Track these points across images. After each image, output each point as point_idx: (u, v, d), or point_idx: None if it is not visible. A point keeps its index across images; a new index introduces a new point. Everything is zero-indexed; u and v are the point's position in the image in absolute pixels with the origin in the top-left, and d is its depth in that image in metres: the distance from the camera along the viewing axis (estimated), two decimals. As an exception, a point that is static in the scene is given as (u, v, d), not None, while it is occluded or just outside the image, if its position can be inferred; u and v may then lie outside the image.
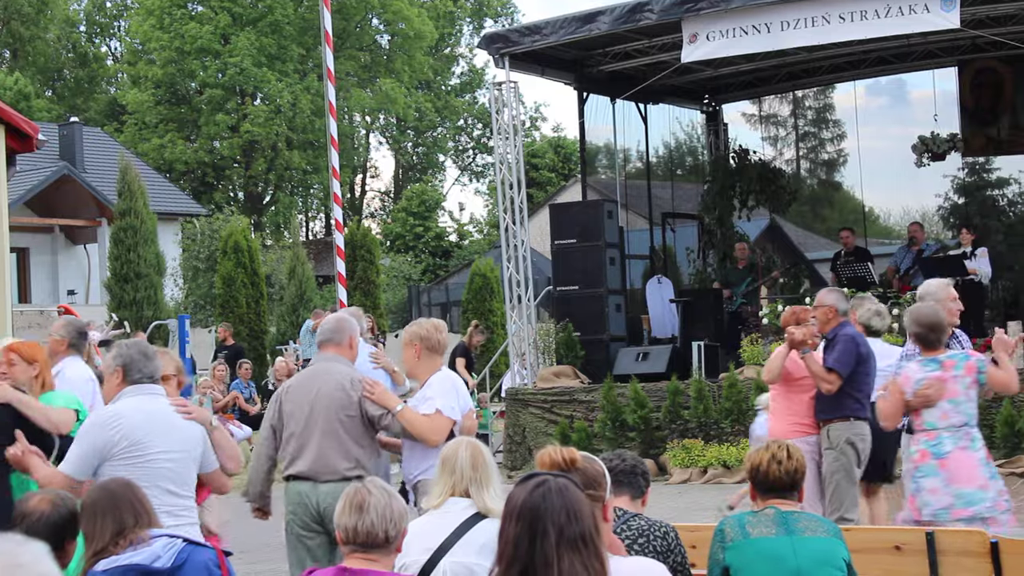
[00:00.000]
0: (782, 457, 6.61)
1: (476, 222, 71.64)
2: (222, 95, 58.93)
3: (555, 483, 4.54)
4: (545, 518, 4.45)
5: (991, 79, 24.96)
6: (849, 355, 11.00)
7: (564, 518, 4.45)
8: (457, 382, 9.18)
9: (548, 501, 4.47)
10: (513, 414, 21.91)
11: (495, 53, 22.48)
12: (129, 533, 5.87)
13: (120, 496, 6.00)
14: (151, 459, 7.22)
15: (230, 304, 34.40)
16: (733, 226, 27.17)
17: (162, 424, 7.38)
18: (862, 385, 11.08)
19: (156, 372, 7.61)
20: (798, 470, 6.65)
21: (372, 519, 5.28)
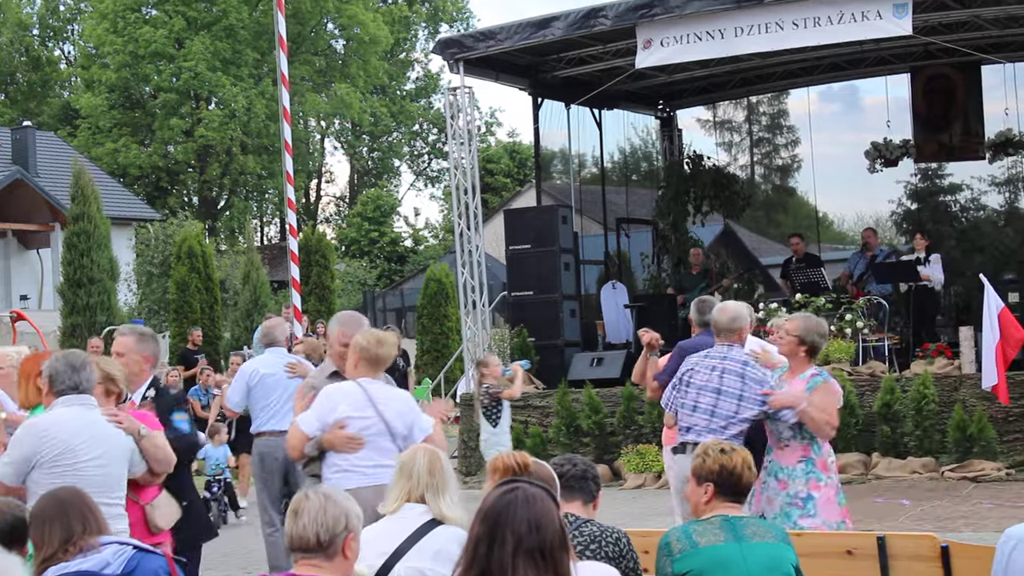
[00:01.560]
0: (751, 462, 6.64)
1: (431, 227, 71.57)
2: (176, 99, 58.68)
3: (523, 492, 4.54)
4: (505, 525, 4.45)
5: (943, 85, 25.09)
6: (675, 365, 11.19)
7: (524, 528, 4.44)
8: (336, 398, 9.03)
9: (512, 509, 4.47)
10: (468, 419, 21.88)
11: (449, 58, 22.46)
12: (78, 540, 5.86)
13: (69, 503, 6.00)
14: (79, 468, 7.32)
15: (184, 309, 34.28)
16: (687, 231, 27.23)
17: (90, 433, 7.48)
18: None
19: (84, 383, 7.65)
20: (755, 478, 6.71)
21: (304, 523, 5.30)
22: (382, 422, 8.73)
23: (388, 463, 8.58)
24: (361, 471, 8.69)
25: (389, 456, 8.63)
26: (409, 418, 8.85)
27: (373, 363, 8.93)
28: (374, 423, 8.73)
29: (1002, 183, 30.36)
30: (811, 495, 9.09)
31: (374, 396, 8.80)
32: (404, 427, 8.79)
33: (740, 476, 6.60)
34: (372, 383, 8.86)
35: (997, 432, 18.08)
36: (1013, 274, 21.37)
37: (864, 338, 19.90)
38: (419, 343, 35.74)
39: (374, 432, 8.74)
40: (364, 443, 8.72)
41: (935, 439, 18.26)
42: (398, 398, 8.96)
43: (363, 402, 8.79)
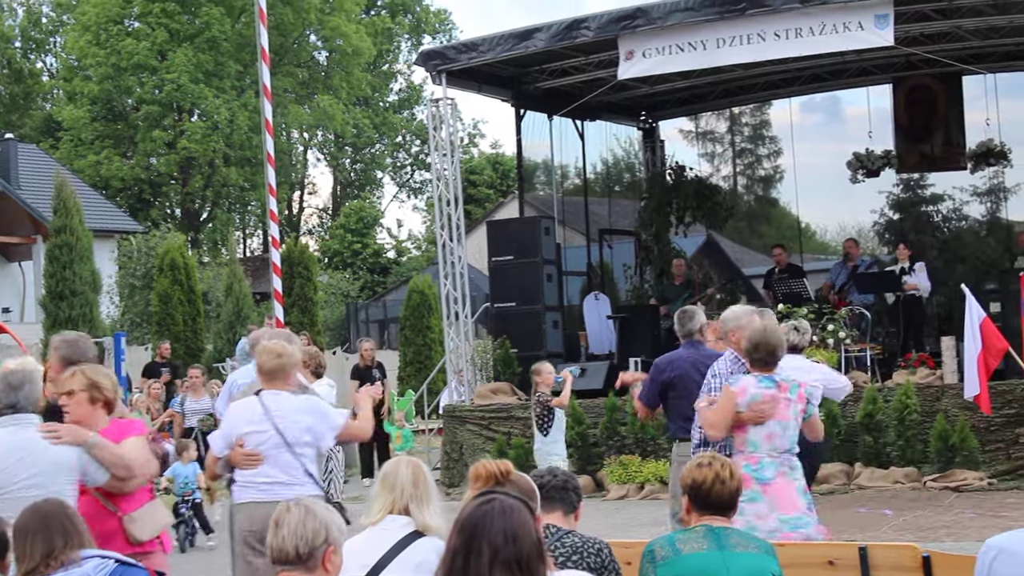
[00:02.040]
0: (725, 477, 6.56)
1: (414, 239, 71.55)
2: (159, 111, 58.59)
3: (500, 503, 4.53)
4: (481, 537, 4.44)
5: (925, 96, 25.18)
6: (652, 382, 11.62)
7: (501, 539, 4.44)
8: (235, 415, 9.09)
9: (488, 520, 4.47)
10: (450, 431, 21.88)
11: (432, 70, 22.49)
12: (59, 555, 5.84)
13: (51, 517, 5.97)
14: (12, 491, 7.25)
15: (166, 322, 34.23)
16: (670, 242, 27.27)
17: (19, 454, 7.40)
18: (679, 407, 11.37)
19: (22, 400, 7.60)
20: (738, 489, 6.65)
21: (284, 535, 5.28)
22: (278, 435, 8.79)
23: (289, 479, 8.68)
24: (257, 486, 8.80)
25: (293, 471, 8.77)
26: (313, 425, 8.90)
27: (270, 375, 8.99)
28: (270, 437, 8.81)
29: (984, 193, 30.41)
30: None
31: (271, 409, 8.86)
32: (307, 435, 8.87)
33: (709, 490, 6.57)
34: (273, 395, 8.93)
35: (979, 442, 18.12)
36: (995, 284, 21.39)
37: (846, 348, 19.93)
38: (402, 354, 35.70)
39: (271, 446, 8.82)
40: (262, 459, 8.80)
41: (917, 449, 18.29)
42: (299, 408, 8.95)
43: (259, 416, 8.87)
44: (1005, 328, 17.49)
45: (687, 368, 11.36)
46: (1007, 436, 18.27)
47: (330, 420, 9.00)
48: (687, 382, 11.21)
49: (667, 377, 11.42)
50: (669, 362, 11.56)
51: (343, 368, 31.12)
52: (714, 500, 6.58)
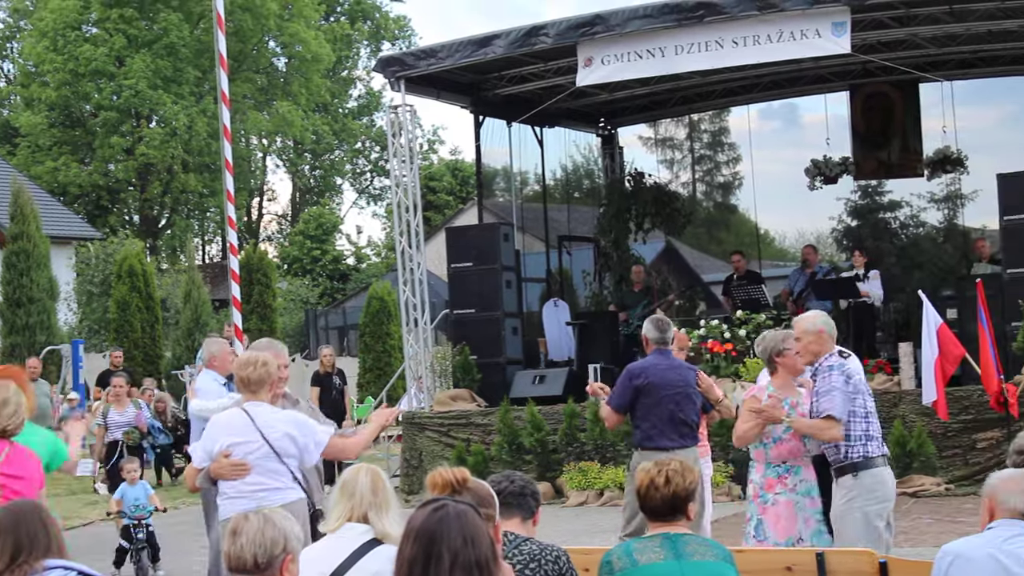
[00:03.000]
0: (660, 483, 6.52)
1: (374, 245, 71.43)
2: (117, 117, 58.27)
3: (454, 508, 4.55)
4: (441, 542, 4.45)
5: (882, 103, 25.28)
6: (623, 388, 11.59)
7: (460, 543, 4.45)
8: (219, 427, 9.11)
9: (445, 525, 4.48)
10: (410, 438, 21.86)
11: (391, 76, 22.46)
12: (24, 560, 5.76)
13: (23, 519, 5.86)
14: None
15: (124, 329, 34.09)
16: (629, 249, 27.30)
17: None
18: (646, 415, 11.44)
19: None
20: (677, 494, 6.58)
21: (242, 543, 5.24)
22: (266, 444, 8.84)
23: (278, 485, 8.71)
24: (250, 496, 8.76)
25: (281, 477, 8.82)
26: (298, 438, 8.94)
27: (246, 385, 9.03)
28: (256, 446, 8.85)
29: (941, 200, 30.57)
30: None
31: (258, 420, 8.90)
32: (293, 446, 8.91)
33: (644, 496, 6.59)
34: (257, 407, 8.98)
35: (936, 447, 18.21)
36: (952, 290, 21.53)
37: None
38: (361, 361, 35.65)
39: (260, 456, 8.85)
40: (250, 468, 8.83)
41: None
42: (284, 419, 9.01)
43: (246, 427, 8.91)
44: (962, 334, 17.57)
45: (660, 375, 11.42)
46: (964, 442, 18.37)
47: (317, 435, 9.03)
48: (658, 390, 11.30)
49: (640, 383, 11.45)
50: (643, 369, 11.60)
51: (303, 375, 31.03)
52: (651, 506, 6.57)
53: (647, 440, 11.43)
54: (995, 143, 42.47)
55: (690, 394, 11.44)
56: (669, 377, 11.40)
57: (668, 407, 11.34)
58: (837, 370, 9.40)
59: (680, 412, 11.37)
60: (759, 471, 9.61)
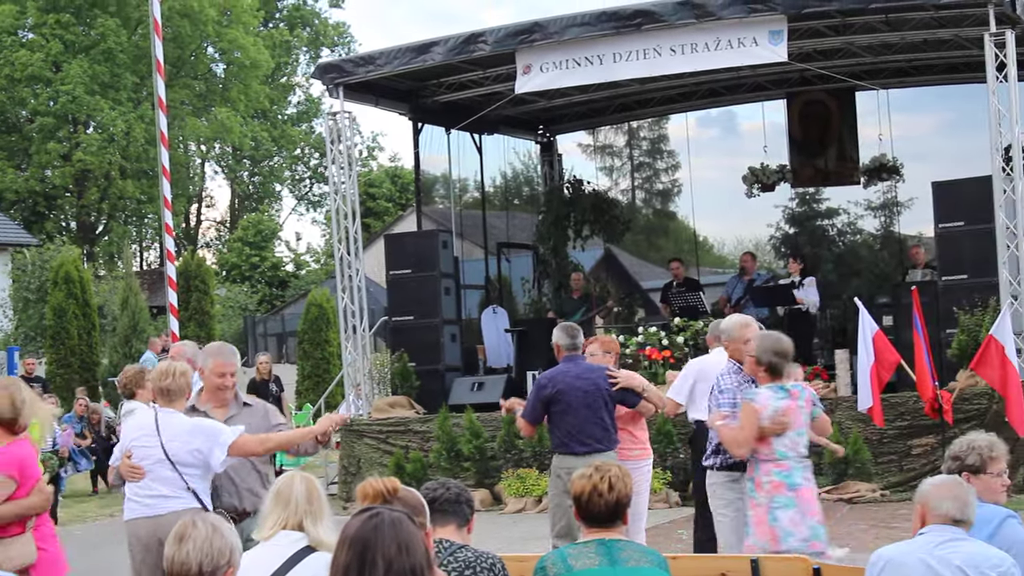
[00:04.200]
0: (603, 489, 6.54)
1: (313, 252, 71.33)
2: (54, 123, 57.93)
3: (388, 516, 4.55)
4: (375, 549, 4.45)
5: (819, 111, 25.42)
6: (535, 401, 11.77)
7: (394, 551, 4.45)
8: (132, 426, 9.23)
9: (379, 532, 4.48)
10: (348, 445, 21.81)
11: (329, 83, 22.37)
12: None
13: None
14: None
15: (61, 336, 33.86)
16: (568, 256, 27.33)
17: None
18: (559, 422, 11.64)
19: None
20: (619, 500, 6.62)
21: (188, 550, 5.22)
22: (162, 451, 8.85)
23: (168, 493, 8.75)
24: (141, 501, 8.88)
25: (173, 485, 8.81)
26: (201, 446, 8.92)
27: (161, 395, 9.09)
28: (154, 451, 8.87)
29: (877, 207, 30.74)
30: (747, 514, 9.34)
31: (162, 426, 8.94)
32: (190, 456, 8.89)
33: (586, 503, 6.59)
34: (168, 414, 9.01)
35: (872, 454, 18.32)
36: (887, 298, 21.67)
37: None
38: (300, 368, 35.53)
39: (153, 460, 8.88)
40: (143, 472, 8.84)
41: (812, 461, 18.40)
42: (187, 429, 9.00)
43: (151, 430, 8.95)
44: (897, 341, 17.72)
45: (569, 382, 11.56)
46: (899, 448, 18.49)
47: (218, 438, 8.97)
48: (568, 396, 11.43)
49: (548, 393, 11.59)
50: (550, 378, 11.72)
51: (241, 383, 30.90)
52: (593, 512, 6.59)
53: (561, 446, 11.66)
54: (930, 151, 42.86)
55: (602, 397, 11.52)
56: (578, 383, 11.53)
57: (580, 412, 11.44)
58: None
59: (593, 416, 11.46)
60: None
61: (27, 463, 7.98)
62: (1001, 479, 7.23)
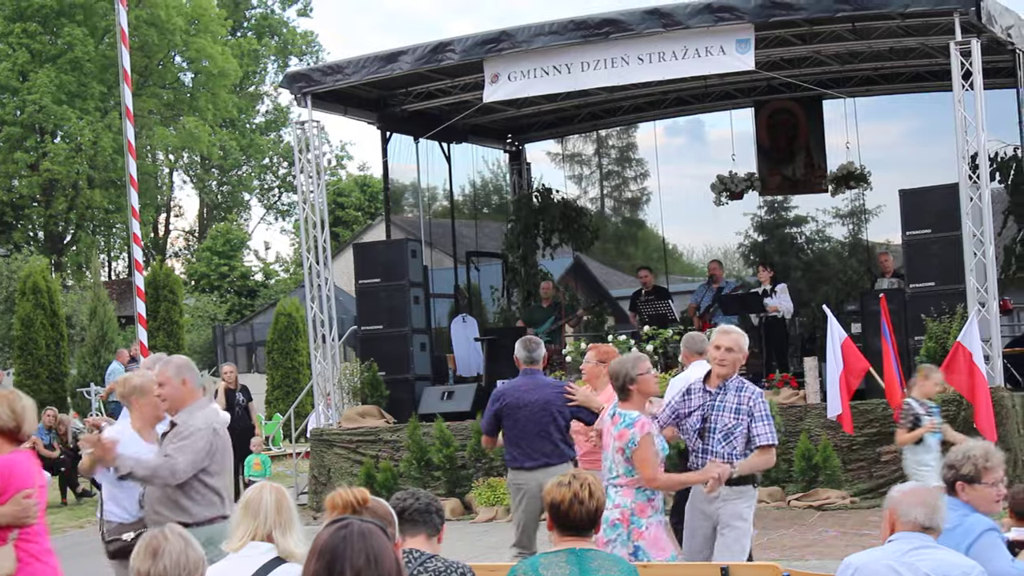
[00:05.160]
0: (584, 497, 6.57)
1: (282, 261, 71.18)
2: (21, 133, 57.63)
3: (358, 527, 4.53)
4: (344, 559, 4.44)
5: (786, 119, 25.50)
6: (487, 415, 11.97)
7: (363, 561, 4.44)
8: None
9: (348, 543, 4.47)
10: (318, 454, 21.77)
11: (297, 92, 22.36)
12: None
13: None
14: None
15: (28, 346, 33.75)
16: (537, 264, 27.35)
17: None
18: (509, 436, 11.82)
19: None
20: (598, 508, 6.66)
21: (165, 564, 5.20)
22: None
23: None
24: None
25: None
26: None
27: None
28: None
29: (845, 215, 30.87)
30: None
31: None
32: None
33: (567, 512, 6.59)
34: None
35: (841, 461, 18.38)
36: (856, 305, 21.74)
37: (711, 369, 20.06)
38: (269, 378, 35.50)
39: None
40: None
41: (781, 468, 18.47)
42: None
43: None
44: (866, 348, 17.77)
45: (519, 396, 11.72)
46: (869, 455, 18.54)
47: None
48: (517, 411, 11.55)
49: (498, 407, 11.79)
50: (502, 392, 11.89)
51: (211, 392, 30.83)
52: (573, 520, 6.59)
53: (512, 460, 11.80)
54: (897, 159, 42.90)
55: (551, 412, 11.56)
56: (528, 398, 11.63)
57: (527, 427, 11.51)
58: (761, 397, 9.57)
59: (542, 431, 11.52)
60: (628, 495, 9.27)
61: (14, 472, 7.91)
62: (996, 489, 7.23)
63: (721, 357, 9.65)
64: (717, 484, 9.24)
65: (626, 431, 9.28)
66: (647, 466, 9.24)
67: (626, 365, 9.59)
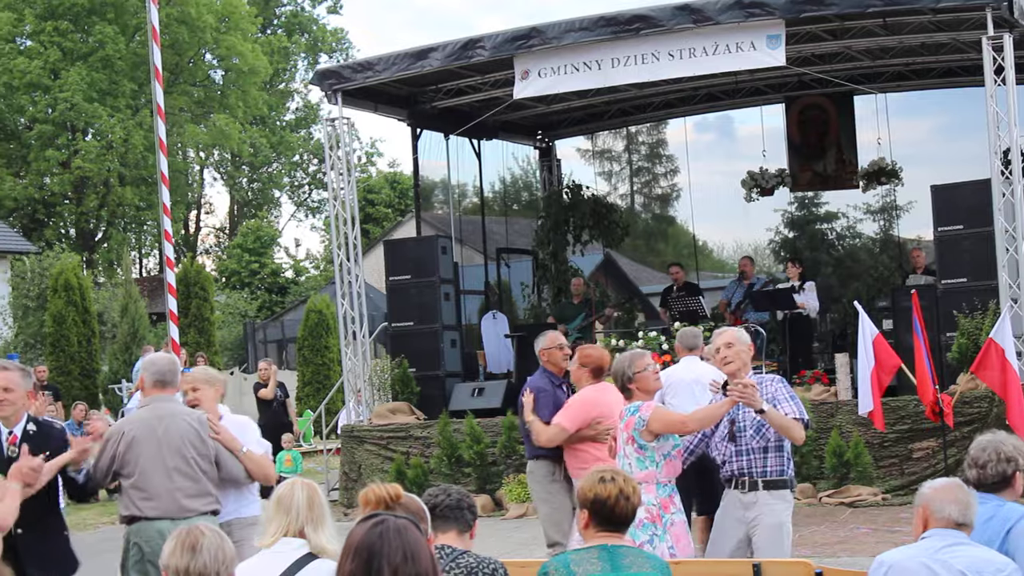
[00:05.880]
0: (629, 492, 6.57)
1: (312, 258, 71.28)
2: (52, 130, 57.81)
3: (394, 523, 4.53)
4: (381, 557, 4.44)
5: (817, 115, 25.43)
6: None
7: (400, 558, 4.44)
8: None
9: (385, 540, 4.47)
10: (349, 451, 21.79)
11: (328, 89, 22.38)
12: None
13: None
14: None
15: (61, 343, 33.84)
16: (567, 261, 27.31)
17: None
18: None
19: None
20: (638, 505, 6.67)
21: (205, 560, 5.22)
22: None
23: None
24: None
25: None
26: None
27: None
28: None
29: (876, 211, 30.79)
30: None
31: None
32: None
33: (612, 507, 6.57)
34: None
35: (873, 457, 18.31)
36: (887, 301, 21.65)
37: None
38: (300, 375, 35.55)
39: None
40: None
41: (813, 465, 18.43)
42: None
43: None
44: (897, 345, 17.72)
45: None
46: (900, 452, 18.46)
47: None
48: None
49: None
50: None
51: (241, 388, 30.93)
52: (618, 516, 6.57)
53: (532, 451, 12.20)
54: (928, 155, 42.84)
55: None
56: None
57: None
58: (781, 382, 9.50)
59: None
60: (651, 492, 9.14)
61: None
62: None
63: (723, 355, 9.53)
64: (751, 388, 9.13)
65: (631, 418, 9.29)
66: (670, 419, 9.34)
67: (623, 364, 9.58)
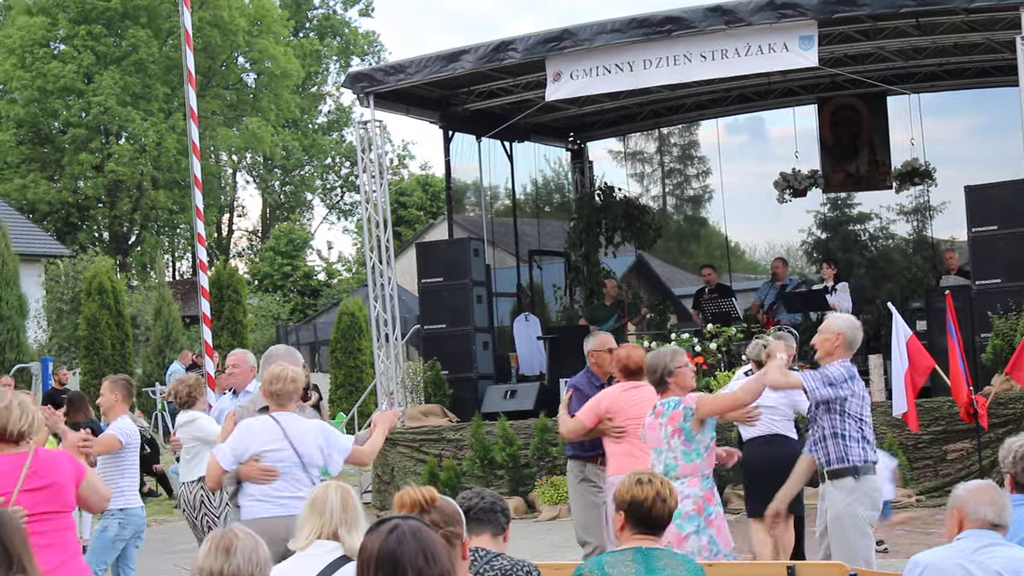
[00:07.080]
0: (666, 495, 6.59)
1: (345, 260, 71.40)
2: (86, 134, 58.08)
3: (408, 526, 4.53)
4: (404, 562, 4.44)
5: (850, 116, 25.34)
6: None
7: (422, 560, 4.44)
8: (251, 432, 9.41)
9: (404, 545, 4.46)
10: (381, 453, 21.78)
11: (360, 92, 22.42)
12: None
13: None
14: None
15: (94, 346, 33.92)
16: (599, 263, 27.28)
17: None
18: None
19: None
20: (674, 508, 6.68)
21: (239, 563, 5.20)
22: (296, 454, 9.17)
23: (301, 494, 8.92)
24: (275, 501, 9.13)
25: (303, 487, 9.09)
26: (324, 447, 9.30)
27: (275, 399, 9.37)
28: (288, 455, 9.18)
29: (910, 212, 30.73)
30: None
31: (288, 430, 9.21)
32: (320, 457, 9.28)
33: (649, 509, 6.56)
34: (286, 416, 9.29)
35: (907, 459, 18.23)
36: (921, 302, 21.59)
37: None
38: (332, 377, 35.55)
39: (289, 464, 9.19)
40: (279, 474, 9.15)
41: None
42: (312, 430, 9.37)
43: (277, 436, 9.21)
44: (931, 346, 17.65)
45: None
46: (935, 453, 18.40)
47: (340, 444, 9.46)
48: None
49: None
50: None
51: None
52: (655, 518, 6.58)
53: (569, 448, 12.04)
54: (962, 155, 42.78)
55: None
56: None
57: None
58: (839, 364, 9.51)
59: None
60: (695, 484, 9.25)
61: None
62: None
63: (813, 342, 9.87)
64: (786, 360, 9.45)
65: (676, 412, 9.31)
66: (720, 400, 9.55)
67: (664, 358, 9.63)
